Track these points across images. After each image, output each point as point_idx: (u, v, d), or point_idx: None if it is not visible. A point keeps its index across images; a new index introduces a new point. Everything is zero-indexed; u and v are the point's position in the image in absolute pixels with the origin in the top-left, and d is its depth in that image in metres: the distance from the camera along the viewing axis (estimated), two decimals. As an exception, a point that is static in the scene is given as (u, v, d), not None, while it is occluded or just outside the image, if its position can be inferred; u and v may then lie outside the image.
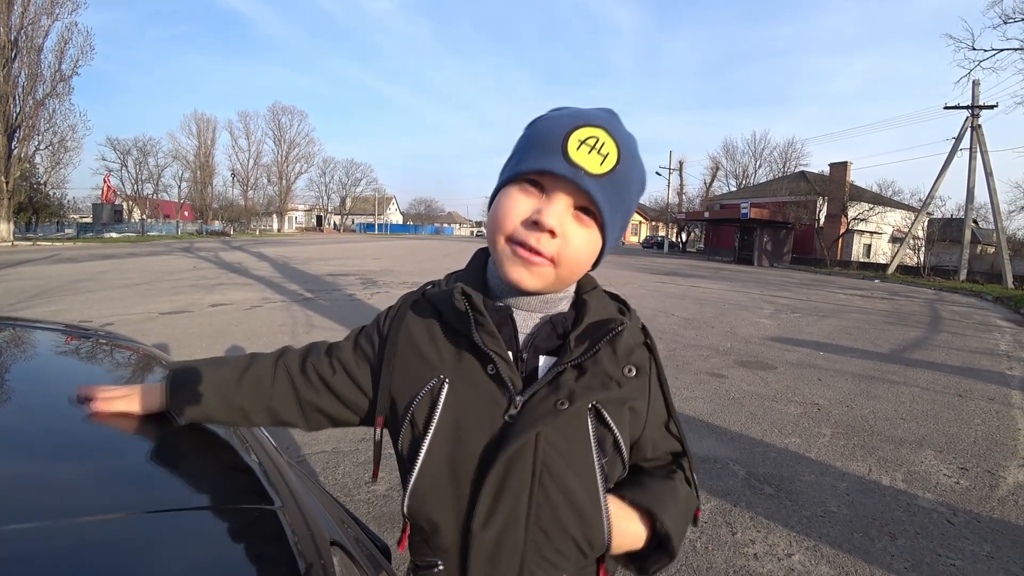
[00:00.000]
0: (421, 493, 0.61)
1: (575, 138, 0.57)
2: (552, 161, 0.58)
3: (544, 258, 0.59)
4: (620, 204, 0.62)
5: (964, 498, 2.90)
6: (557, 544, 0.61)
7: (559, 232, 0.58)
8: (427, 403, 0.63)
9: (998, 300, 15.17)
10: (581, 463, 0.61)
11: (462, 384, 0.63)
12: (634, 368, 0.66)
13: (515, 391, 0.61)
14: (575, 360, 0.62)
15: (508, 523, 0.59)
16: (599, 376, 0.63)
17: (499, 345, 0.62)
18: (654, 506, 0.64)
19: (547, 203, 0.59)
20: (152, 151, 44.37)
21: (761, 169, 49.65)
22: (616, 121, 0.62)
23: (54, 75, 25.97)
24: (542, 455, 0.60)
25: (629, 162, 0.60)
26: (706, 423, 3.86)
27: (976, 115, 22.18)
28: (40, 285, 9.54)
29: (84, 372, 1.53)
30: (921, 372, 5.77)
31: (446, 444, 0.61)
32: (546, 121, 0.62)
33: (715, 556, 2.27)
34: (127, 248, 23.05)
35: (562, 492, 0.60)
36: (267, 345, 5.64)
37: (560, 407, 0.59)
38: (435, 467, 0.61)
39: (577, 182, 0.57)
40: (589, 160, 0.57)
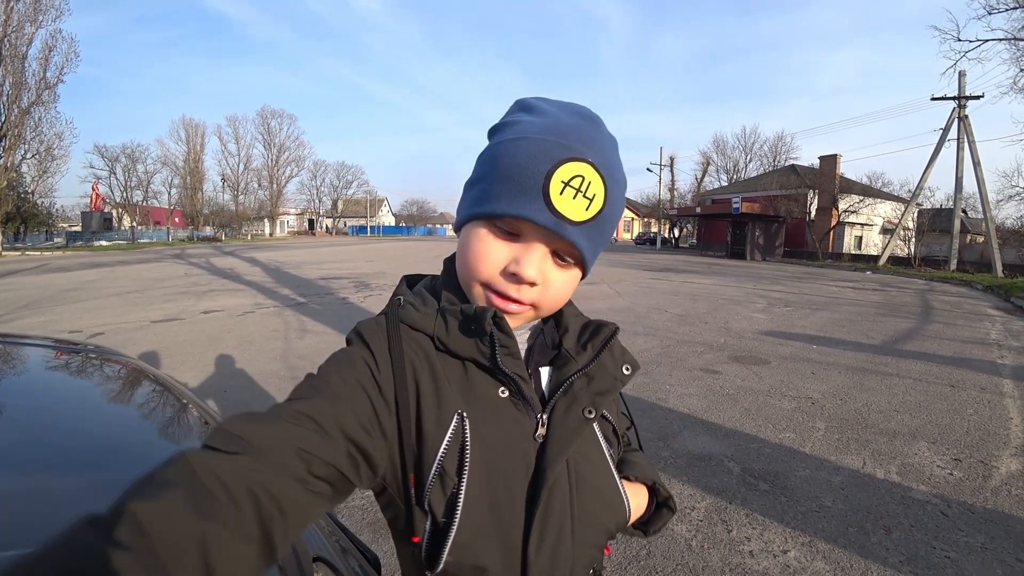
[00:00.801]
0: (465, 544, 0.54)
1: (558, 179, 0.52)
2: (532, 207, 0.52)
3: (523, 305, 0.57)
4: (603, 239, 0.59)
5: (958, 489, 2.92)
6: (596, 539, 0.62)
7: (540, 281, 0.56)
8: (455, 447, 0.55)
9: (988, 289, 15.28)
10: (599, 459, 0.63)
11: (482, 415, 0.57)
12: (630, 366, 0.67)
13: (538, 410, 0.59)
14: (584, 368, 0.62)
15: (558, 539, 0.58)
16: (607, 379, 0.64)
17: (520, 366, 0.58)
18: (652, 477, 0.70)
19: (525, 252, 0.55)
20: (141, 157, 44.14)
21: (752, 163, 49.85)
22: (600, 137, 0.56)
23: (39, 83, 25.67)
24: (574, 466, 0.60)
25: (616, 194, 0.56)
26: (700, 420, 3.86)
27: (963, 106, 22.33)
28: (30, 295, 9.45)
29: (73, 388, 1.51)
30: (913, 363, 5.81)
31: (483, 485, 0.55)
32: (519, 146, 0.54)
33: (711, 554, 2.27)
34: (117, 256, 22.87)
35: (594, 492, 0.62)
36: (260, 351, 5.61)
37: (588, 415, 0.60)
38: (476, 512, 0.54)
39: (561, 234, 0.53)
40: (574, 207, 0.52)
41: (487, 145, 0.58)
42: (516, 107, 0.60)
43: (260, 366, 4.96)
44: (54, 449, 1.04)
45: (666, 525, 0.73)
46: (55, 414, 1.24)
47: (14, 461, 0.87)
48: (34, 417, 1.19)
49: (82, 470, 0.95)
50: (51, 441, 1.07)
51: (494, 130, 0.59)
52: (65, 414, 1.25)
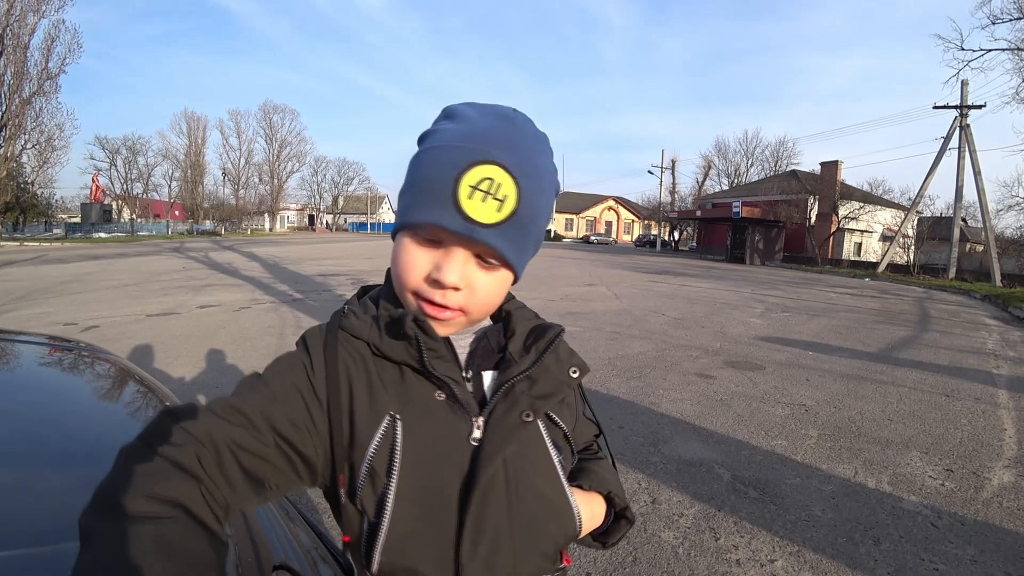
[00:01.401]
0: (396, 545, 0.55)
1: (466, 184, 0.52)
2: (443, 214, 0.54)
3: (452, 311, 0.58)
4: (528, 239, 0.59)
5: (949, 500, 2.91)
6: (541, 548, 0.61)
7: (462, 286, 0.57)
8: (386, 448, 0.56)
9: (986, 298, 15.29)
10: (545, 465, 0.62)
11: (415, 417, 0.58)
12: (578, 369, 0.66)
13: (473, 412, 0.59)
14: (526, 371, 0.62)
15: (494, 544, 0.57)
16: (551, 383, 0.63)
17: (451, 369, 0.60)
18: (608, 486, 0.68)
19: (445, 258, 0.56)
20: (141, 150, 44.02)
21: (753, 168, 49.93)
22: (517, 137, 0.56)
23: (41, 73, 25.65)
24: (513, 469, 0.59)
25: (533, 195, 0.56)
26: (692, 425, 3.85)
27: (964, 115, 22.35)
28: (27, 286, 9.43)
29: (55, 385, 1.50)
30: (909, 372, 5.80)
31: (413, 486, 0.56)
32: (434, 154, 0.56)
33: (697, 563, 2.25)
34: (116, 248, 22.85)
35: (537, 498, 0.60)
36: (254, 347, 5.59)
37: (526, 419, 0.59)
38: (406, 514, 0.55)
39: (474, 237, 0.54)
40: (483, 210, 0.53)
41: (415, 152, 0.59)
42: (441, 115, 0.61)
43: (254, 362, 4.95)
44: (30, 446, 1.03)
45: (625, 536, 0.71)
46: (32, 411, 1.22)
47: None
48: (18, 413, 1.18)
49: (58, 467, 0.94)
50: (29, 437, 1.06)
51: (421, 138, 0.60)
52: (41, 411, 1.24)
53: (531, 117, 0.60)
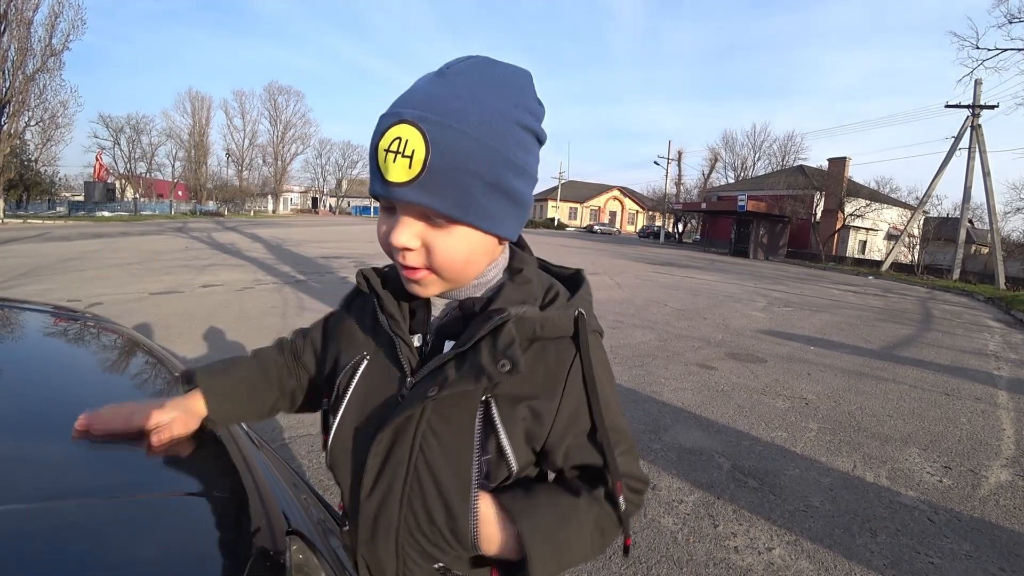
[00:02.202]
0: (334, 456, 0.67)
1: (381, 149, 0.54)
2: (373, 183, 0.58)
3: (421, 271, 0.60)
4: (465, 188, 0.54)
5: (946, 496, 2.92)
6: (426, 531, 0.61)
7: (415, 246, 0.58)
8: (348, 376, 0.69)
9: (990, 300, 15.25)
10: (457, 454, 0.60)
11: (376, 363, 0.68)
12: (508, 363, 0.57)
13: (409, 373, 0.64)
14: (459, 349, 0.60)
15: (386, 497, 0.62)
16: (474, 368, 0.58)
17: (400, 328, 0.65)
18: (522, 514, 0.59)
19: (395, 221, 0.58)
20: (145, 129, 43.91)
21: (760, 162, 49.55)
22: (439, 87, 0.55)
23: (44, 49, 25.42)
24: (421, 438, 0.61)
25: (451, 141, 0.52)
26: (693, 415, 3.86)
27: (977, 115, 22.12)
28: (30, 263, 9.44)
29: (67, 354, 1.51)
30: (910, 370, 5.80)
31: (353, 415, 0.67)
32: (374, 128, 0.58)
33: (696, 548, 2.27)
34: (119, 227, 22.86)
35: (432, 479, 0.60)
36: (257, 327, 5.61)
37: (429, 394, 0.59)
38: (343, 434, 0.67)
39: (399, 199, 0.55)
40: (396, 169, 0.53)
41: None
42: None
43: (256, 342, 4.94)
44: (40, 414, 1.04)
45: None
46: (46, 380, 1.23)
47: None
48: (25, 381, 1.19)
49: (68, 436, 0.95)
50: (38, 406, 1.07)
51: None
52: (57, 380, 1.24)
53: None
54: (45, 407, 1.07)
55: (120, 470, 0.78)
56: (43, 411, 1.04)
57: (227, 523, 0.71)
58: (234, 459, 0.87)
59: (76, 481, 0.74)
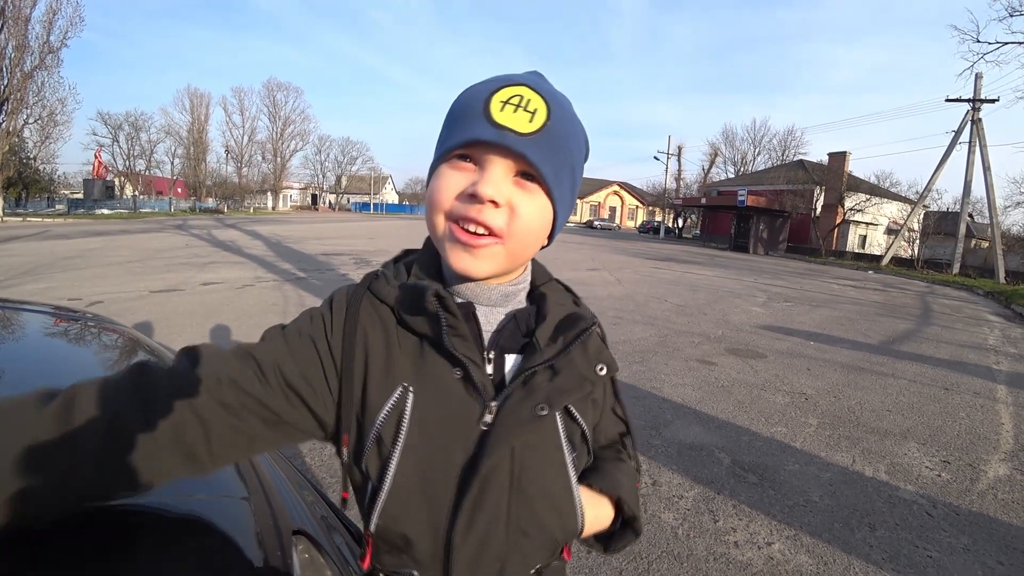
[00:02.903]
0: (392, 512, 0.56)
1: (497, 100, 0.54)
2: (475, 128, 0.54)
3: (490, 236, 0.55)
4: (562, 163, 0.57)
5: (945, 491, 2.94)
6: (536, 542, 0.60)
7: (502, 202, 0.54)
8: (395, 417, 0.56)
9: (989, 295, 15.26)
10: (554, 461, 0.60)
11: (428, 392, 0.57)
12: (605, 367, 0.63)
13: (487, 397, 0.57)
14: (548, 361, 0.59)
15: (489, 530, 0.56)
16: (574, 377, 0.60)
17: (471, 349, 0.58)
18: (619, 491, 0.65)
19: (482, 173, 0.55)
20: (144, 126, 43.66)
21: (760, 157, 49.35)
22: (543, 80, 0.59)
23: (42, 47, 25.32)
24: (519, 459, 0.57)
25: (561, 116, 0.56)
26: (693, 410, 3.88)
27: (977, 109, 22.07)
28: (30, 262, 9.45)
29: (69, 354, 1.51)
30: (909, 364, 5.82)
31: (416, 459, 0.56)
32: (466, 92, 0.58)
33: (696, 543, 2.29)
34: (119, 225, 22.84)
35: (540, 492, 0.59)
36: (257, 325, 5.62)
37: (540, 412, 0.57)
38: (406, 484, 0.56)
39: (507, 145, 0.53)
40: (516, 119, 0.53)
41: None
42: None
43: (256, 339, 4.97)
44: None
45: (628, 545, 0.69)
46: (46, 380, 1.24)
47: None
48: (25, 382, 1.20)
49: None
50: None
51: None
52: (57, 381, 1.25)
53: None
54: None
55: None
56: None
57: (233, 524, 0.72)
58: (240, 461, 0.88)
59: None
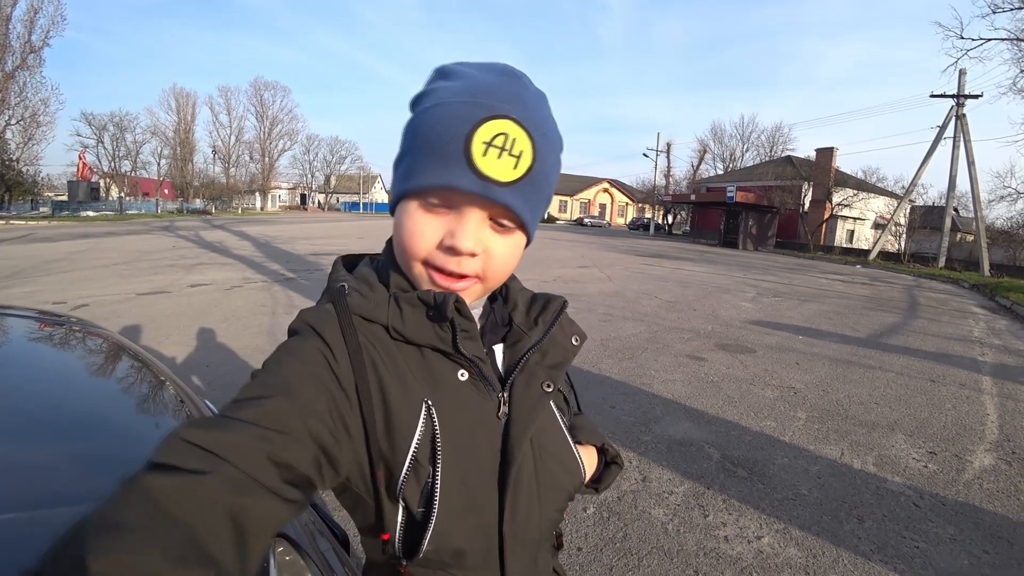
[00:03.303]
0: (444, 531, 0.52)
1: (479, 141, 0.49)
2: (455, 175, 0.49)
3: (468, 280, 0.55)
4: (542, 199, 0.56)
5: (931, 482, 2.97)
6: (559, 504, 0.63)
7: (479, 251, 0.54)
8: (427, 437, 0.53)
9: (974, 287, 15.47)
10: (555, 428, 0.65)
11: (445, 401, 0.56)
12: (578, 337, 0.68)
13: (498, 389, 0.59)
14: (538, 343, 0.63)
15: (527, 509, 0.59)
16: (559, 352, 0.64)
17: (480, 350, 0.58)
18: (600, 438, 0.74)
19: (458, 223, 0.52)
20: (129, 127, 42.98)
21: (748, 153, 49.61)
22: (524, 93, 0.53)
23: (23, 46, 25.01)
24: (536, 438, 0.61)
25: (546, 149, 0.53)
26: (683, 406, 3.89)
27: (961, 104, 22.32)
28: (14, 265, 9.30)
29: (51, 360, 1.49)
30: (896, 357, 5.88)
31: (456, 471, 0.54)
32: (438, 111, 0.51)
33: (686, 538, 2.30)
34: (105, 227, 22.53)
35: (554, 459, 0.63)
36: (246, 326, 5.57)
37: (547, 389, 0.61)
38: (452, 499, 0.53)
39: (491, 197, 0.50)
40: (499, 167, 0.49)
41: (409, 118, 0.55)
42: (435, 74, 0.56)
43: (246, 341, 4.93)
44: (27, 419, 1.02)
45: (615, 479, 0.76)
46: (30, 385, 1.22)
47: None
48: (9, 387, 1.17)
49: (55, 441, 0.94)
50: (26, 411, 1.06)
51: (415, 101, 0.55)
52: (41, 386, 1.23)
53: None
54: (31, 414, 1.06)
55: (107, 476, 0.78)
56: (29, 418, 1.03)
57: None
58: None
59: (64, 488, 0.73)
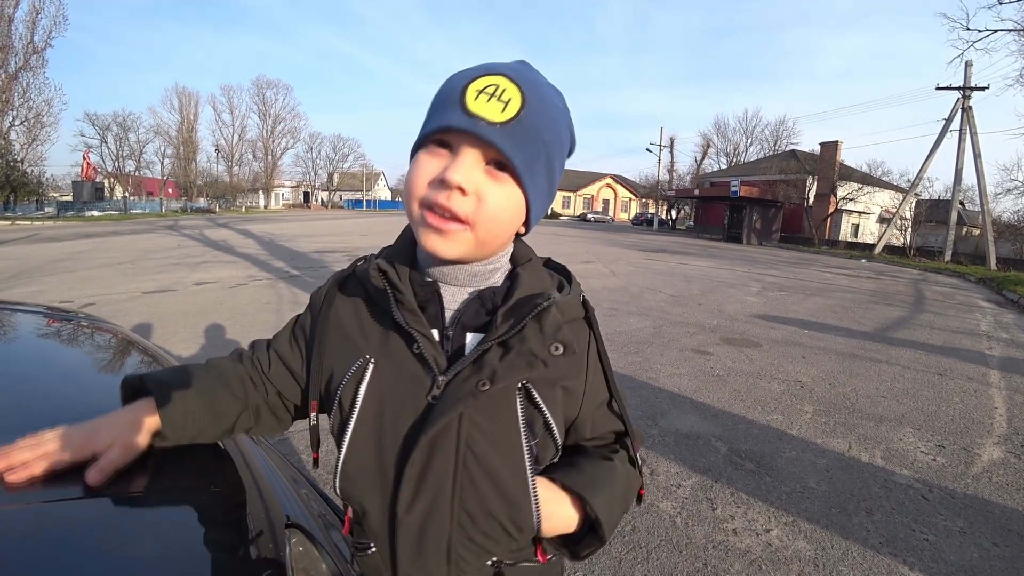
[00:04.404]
0: (349, 475, 0.60)
1: (473, 88, 0.55)
2: (450, 116, 0.55)
3: (458, 222, 0.56)
4: (536, 153, 0.57)
5: (940, 475, 2.96)
6: (483, 527, 0.59)
7: (470, 189, 0.55)
8: (353, 384, 0.61)
9: (981, 281, 15.37)
10: (508, 445, 0.59)
11: (388, 364, 0.61)
12: (561, 346, 0.60)
13: (438, 371, 0.59)
14: (499, 338, 0.58)
15: (433, 506, 0.58)
16: (524, 355, 0.58)
17: (421, 323, 0.60)
18: (585, 490, 0.62)
19: (454, 160, 0.55)
20: (133, 126, 43.30)
21: (752, 147, 49.43)
22: (526, 69, 0.59)
23: (26, 47, 25.15)
24: (466, 437, 0.58)
25: (538, 107, 0.56)
26: (690, 399, 3.89)
27: (967, 96, 22.14)
28: (20, 265, 9.35)
29: (61, 355, 1.50)
30: (903, 351, 5.85)
31: (371, 426, 0.60)
32: (448, 80, 0.59)
33: (694, 531, 2.30)
34: (109, 227, 22.63)
35: (487, 475, 0.58)
36: (251, 324, 5.59)
37: (481, 388, 0.57)
38: (360, 449, 0.60)
39: (477, 133, 0.53)
40: (488, 108, 0.54)
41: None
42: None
43: (251, 337, 4.89)
44: (37, 416, 1.03)
45: (593, 553, 0.65)
46: (40, 381, 1.22)
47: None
48: (18, 383, 1.18)
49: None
50: (35, 407, 1.06)
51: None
52: (50, 381, 1.24)
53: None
54: (40, 408, 1.06)
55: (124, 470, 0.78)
56: (38, 412, 1.04)
57: (225, 518, 0.71)
58: (231, 454, 0.87)
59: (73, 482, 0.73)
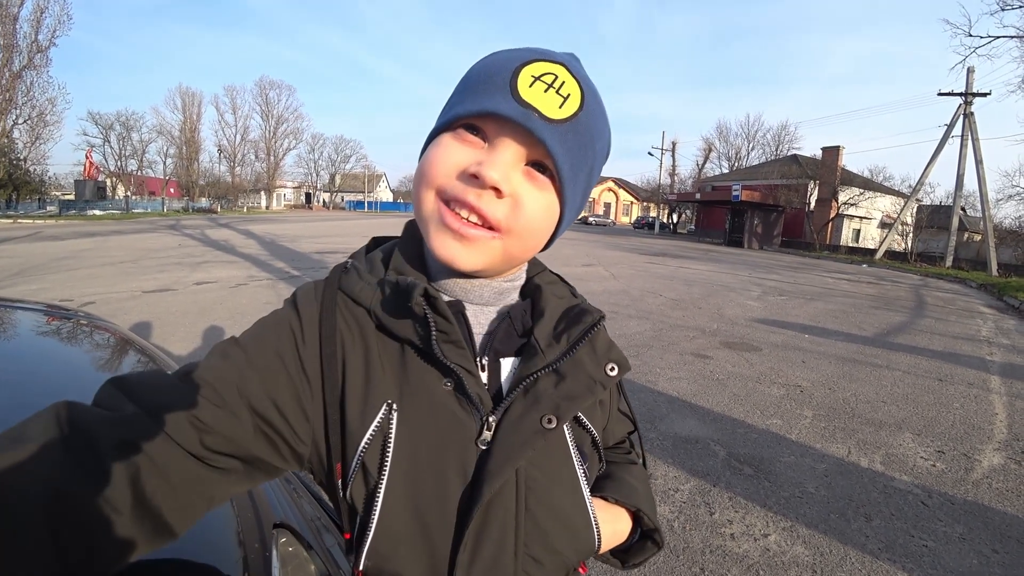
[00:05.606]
0: (382, 551, 0.47)
1: (527, 73, 0.46)
2: (496, 100, 0.45)
3: (486, 228, 0.47)
4: (583, 162, 0.49)
5: (939, 481, 2.95)
6: (549, 567, 0.52)
7: (507, 191, 0.46)
8: (378, 442, 0.48)
9: (982, 287, 15.35)
10: (565, 475, 0.53)
11: (414, 408, 0.49)
12: (616, 365, 0.55)
13: (485, 411, 0.50)
14: (553, 364, 0.52)
15: (495, 564, 0.49)
16: (582, 380, 0.52)
17: (466, 358, 0.49)
18: (637, 501, 0.60)
19: (490, 153, 0.46)
20: (135, 126, 43.29)
21: (754, 152, 49.48)
22: (580, 65, 0.51)
23: (30, 46, 25.17)
24: (525, 478, 0.50)
25: (595, 109, 0.49)
26: (689, 403, 3.88)
27: (969, 102, 22.16)
28: (22, 263, 9.36)
29: (58, 353, 1.50)
30: (903, 356, 5.84)
31: (407, 489, 0.48)
32: (489, 58, 0.49)
33: (692, 536, 2.29)
34: (111, 226, 22.67)
35: (550, 512, 0.51)
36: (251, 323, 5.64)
37: (548, 425, 0.49)
38: (397, 519, 0.47)
39: (529, 127, 0.45)
40: (545, 101, 0.45)
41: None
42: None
43: (251, 339, 4.94)
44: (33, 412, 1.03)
45: (648, 559, 0.63)
46: (36, 378, 1.22)
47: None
48: (14, 379, 1.18)
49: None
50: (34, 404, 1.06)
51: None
52: (48, 378, 1.23)
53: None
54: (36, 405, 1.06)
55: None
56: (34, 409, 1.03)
57: (213, 515, 0.71)
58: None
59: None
